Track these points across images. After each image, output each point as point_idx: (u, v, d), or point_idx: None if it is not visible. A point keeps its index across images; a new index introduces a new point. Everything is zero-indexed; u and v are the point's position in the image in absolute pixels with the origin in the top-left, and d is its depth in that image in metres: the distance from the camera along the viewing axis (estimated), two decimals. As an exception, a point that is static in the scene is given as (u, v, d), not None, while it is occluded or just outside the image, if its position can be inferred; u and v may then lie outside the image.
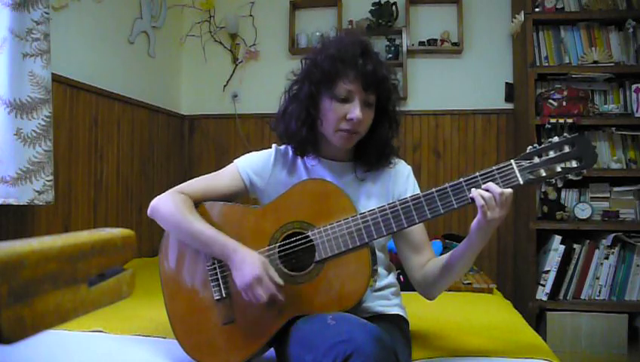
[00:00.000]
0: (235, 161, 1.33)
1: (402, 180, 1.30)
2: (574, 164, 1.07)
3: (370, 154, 1.26)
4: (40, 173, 1.86)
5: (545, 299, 2.53)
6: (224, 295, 1.19)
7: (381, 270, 1.29)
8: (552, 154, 1.08)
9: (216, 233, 1.18)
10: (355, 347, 0.90)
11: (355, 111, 1.17)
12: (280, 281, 1.11)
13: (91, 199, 2.43)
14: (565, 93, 2.56)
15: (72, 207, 2.30)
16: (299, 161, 1.31)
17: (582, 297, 2.54)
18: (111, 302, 0.46)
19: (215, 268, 1.20)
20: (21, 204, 1.82)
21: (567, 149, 1.08)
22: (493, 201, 1.05)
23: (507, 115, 3.08)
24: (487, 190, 1.06)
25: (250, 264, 1.11)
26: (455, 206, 1.09)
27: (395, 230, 1.12)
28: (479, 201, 1.05)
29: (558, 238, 2.53)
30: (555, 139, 1.09)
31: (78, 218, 2.33)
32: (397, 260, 2.26)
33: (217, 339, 1.20)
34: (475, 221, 1.08)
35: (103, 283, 0.45)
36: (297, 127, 1.24)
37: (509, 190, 1.06)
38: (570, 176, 1.08)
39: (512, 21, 2.85)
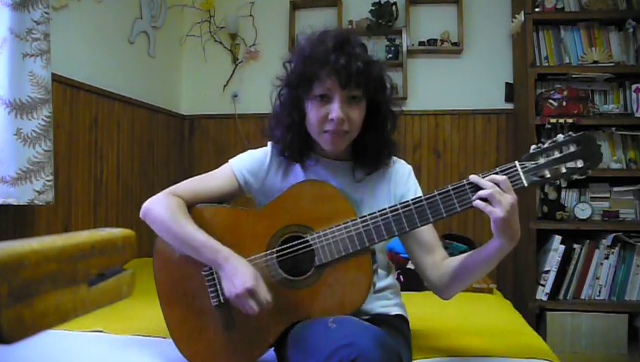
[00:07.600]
0: (230, 160, 1.29)
1: (403, 181, 1.26)
2: (579, 163, 1.03)
3: (368, 152, 1.22)
4: (40, 173, 1.86)
5: (545, 299, 2.53)
6: (222, 301, 1.15)
7: (380, 271, 1.26)
8: (557, 154, 1.04)
9: (208, 239, 1.13)
10: (360, 351, 0.88)
11: (334, 110, 1.12)
12: (269, 298, 1.08)
13: (91, 199, 2.43)
14: (565, 93, 2.55)
15: (72, 207, 2.29)
16: None
17: (582, 297, 2.54)
18: (111, 302, 0.46)
19: (212, 274, 1.16)
20: (21, 204, 1.82)
21: (572, 148, 1.03)
22: (497, 190, 1.00)
23: (507, 115, 3.07)
24: (490, 181, 1.02)
25: (242, 275, 1.07)
26: (458, 209, 1.05)
27: (396, 234, 1.09)
28: (483, 206, 1.01)
29: (558, 238, 2.53)
30: (560, 137, 1.05)
31: (78, 218, 2.33)
32: (397, 260, 2.25)
33: (218, 346, 1.17)
34: (492, 223, 1.02)
35: (102, 283, 0.45)
36: (283, 134, 1.21)
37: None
38: (575, 176, 1.04)
39: (512, 21, 2.85)
